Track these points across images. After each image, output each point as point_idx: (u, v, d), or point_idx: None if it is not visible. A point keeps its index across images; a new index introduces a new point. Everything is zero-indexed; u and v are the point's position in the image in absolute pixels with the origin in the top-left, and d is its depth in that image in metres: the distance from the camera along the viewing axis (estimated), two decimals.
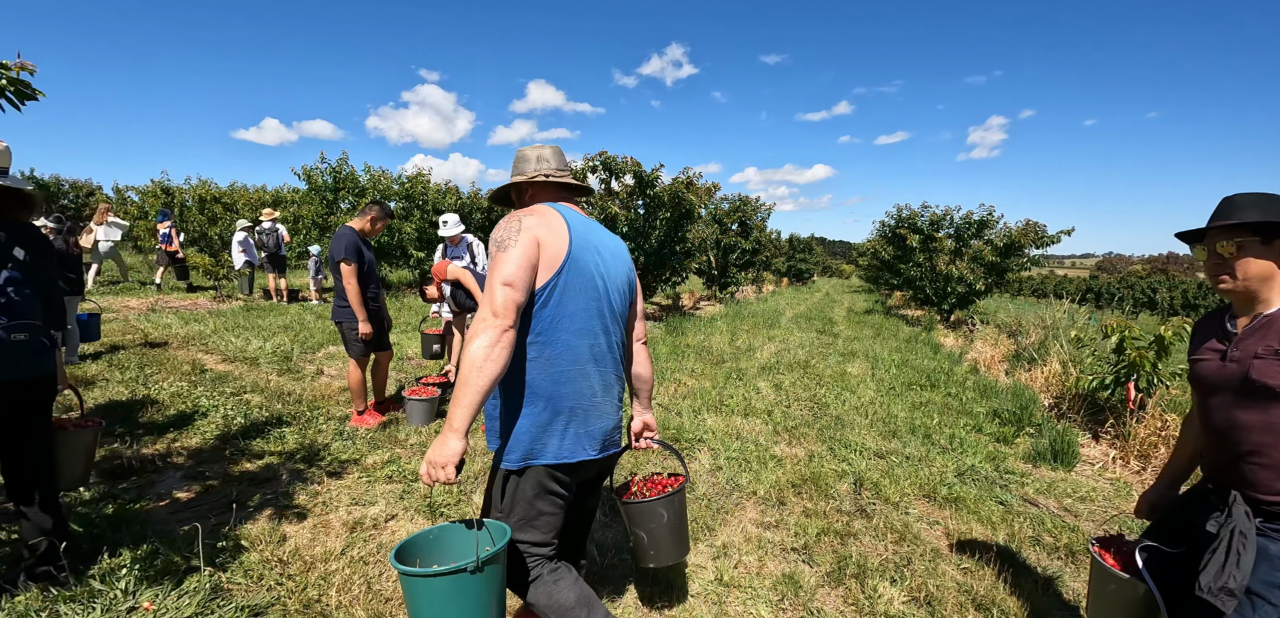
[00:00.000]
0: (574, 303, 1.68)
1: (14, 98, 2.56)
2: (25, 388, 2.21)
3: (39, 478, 2.31)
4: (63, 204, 20.82)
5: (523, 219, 1.67)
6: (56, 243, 5.86)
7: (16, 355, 2.16)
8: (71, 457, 2.66)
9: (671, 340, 8.81)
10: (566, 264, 1.66)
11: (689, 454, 4.27)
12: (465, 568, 1.46)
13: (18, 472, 2.27)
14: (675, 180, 10.33)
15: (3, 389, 2.15)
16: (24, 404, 2.24)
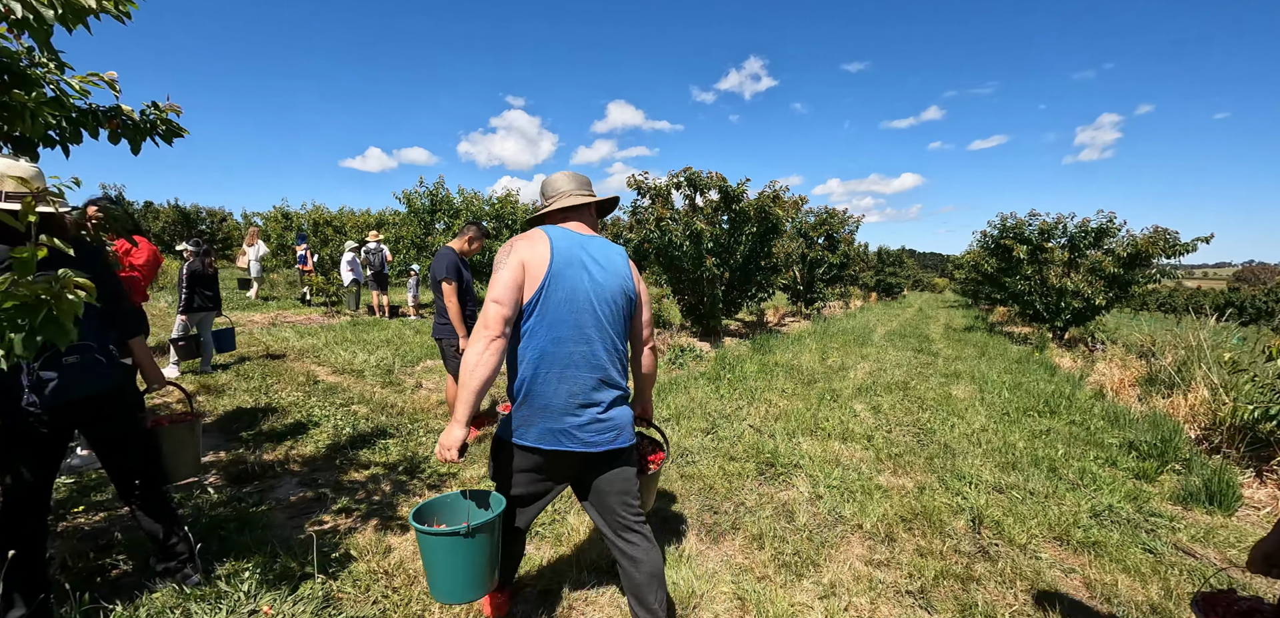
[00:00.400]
0: (556, 314, 1.92)
1: (164, 135, 2.83)
2: (86, 405, 2.23)
3: (140, 482, 2.44)
4: (201, 230, 23.24)
5: (516, 244, 1.96)
6: (194, 264, 6.46)
7: (71, 378, 2.17)
8: (172, 451, 2.74)
9: (759, 358, 8.55)
10: (546, 281, 1.91)
11: (784, 480, 4.06)
12: (459, 531, 1.80)
13: (118, 479, 2.43)
14: (761, 194, 10.09)
15: (61, 410, 2.17)
16: (92, 421, 2.30)
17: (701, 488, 3.84)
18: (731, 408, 5.80)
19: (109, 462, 2.40)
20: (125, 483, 2.43)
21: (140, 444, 2.47)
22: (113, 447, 2.38)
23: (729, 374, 7.32)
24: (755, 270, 10.87)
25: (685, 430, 4.97)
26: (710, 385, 6.67)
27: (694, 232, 9.56)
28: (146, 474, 2.46)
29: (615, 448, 2.00)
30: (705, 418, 5.36)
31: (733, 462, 4.30)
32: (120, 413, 2.38)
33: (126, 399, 2.42)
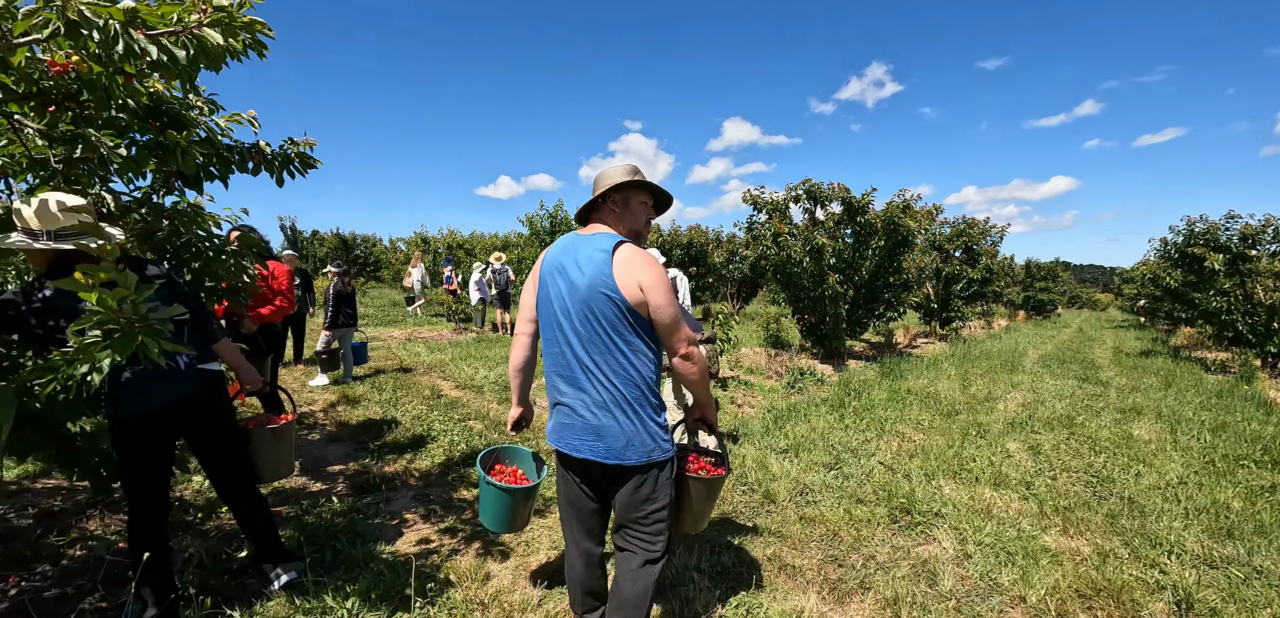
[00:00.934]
0: (543, 321, 2.03)
1: (299, 167, 3.01)
2: (170, 411, 2.30)
3: (235, 483, 2.55)
4: (355, 254, 25.93)
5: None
6: (338, 284, 7.06)
7: (145, 387, 2.22)
8: (263, 451, 2.76)
9: (889, 385, 7.80)
10: (539, 289, 2.04)
11: (923, 532, 3.53)
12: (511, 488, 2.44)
13: (213, 477, 2.56)
14: (890, 205, 9.32)
15: (145, 417, 2.24)
16: (182, 425, 2.40)
17: (824, 534, 3.43)
18: (858, 440, 5.26)
19: (203, 461, 2.52)
20: (222, 483, 2.54)
21: (236, 446, 2.57)
22: (205, 449, 2.49)
23: (854, 402, 6.71)
24: (883, 287, 10.04)
25: (805, 464, 4.54)
26: (833, 414, 6.14)
27: (815, 247, 9.00)
28: (245, 475, 2.57)
29: (610, 463, 1.90)
30: (828, 451, 4.88)
31: (860, 505, 3.83)
32: (209, 417, 2.45)
33: (215, 403, 2.48)
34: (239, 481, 2.57)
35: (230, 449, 2.55)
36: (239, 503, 2.57)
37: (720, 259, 18.04)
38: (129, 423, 2.22)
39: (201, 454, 2.50)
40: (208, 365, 2.44)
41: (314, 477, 4.14)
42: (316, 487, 3.95)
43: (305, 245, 26.01)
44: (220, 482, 2.55)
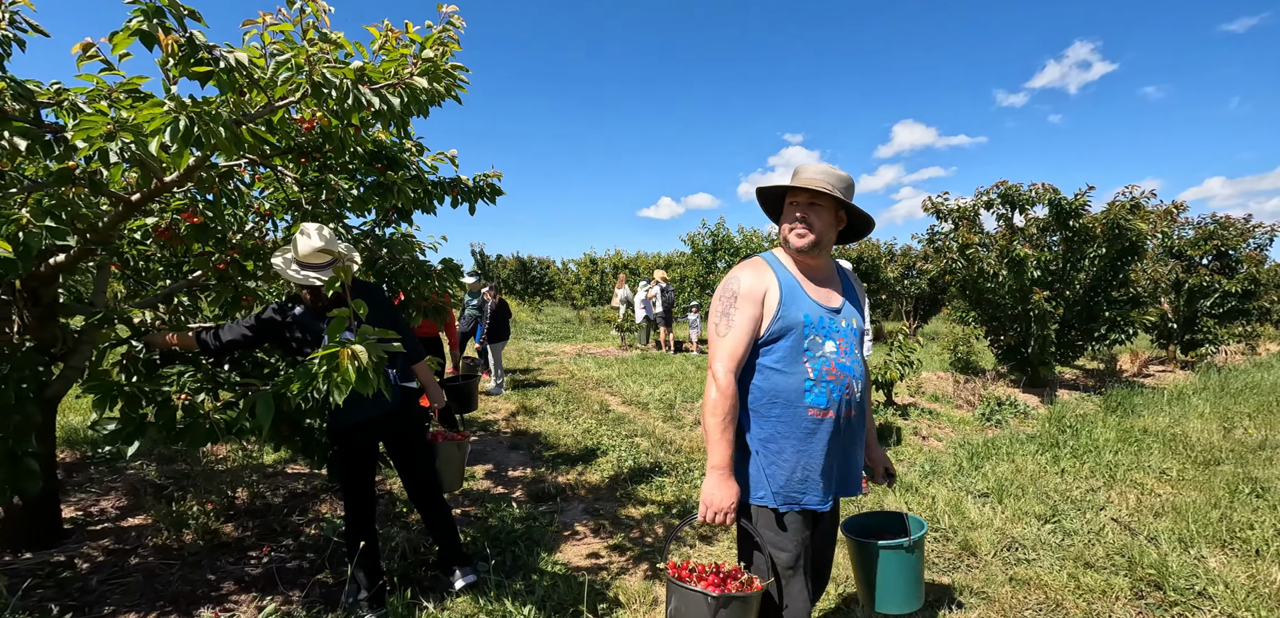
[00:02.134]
0: None
1: (489, 196, 3.28)
2: (374, 424, 2.58)
3: (422, 488, 2.77)
4: (532, 275, 28.24)
5: None
6: (494, 302, 7.90)
7: (356, 402, 2.36)
8: (444, 463, 3.00)
9: (1116, 422, 6.54)
10: None
11: (1182, 612, 2.83)
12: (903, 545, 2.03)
13: (407, 482, 2.80)
14: (1112, 206, 7.88)
15: (354, 428, 2.54)
16: (383, 435, 2.67)
17: (1043, 603, 2.89)
18: (1080, 489, 4.43)
19: (399, 468, 2.78)
20: (413, 488, 2.79)
21: (426, 456, 2.81)
22: (401, 456, 2.74)
23: (1071, 440, 5.70)
24: (1104, 303, 8.50)
25: (1012, 513, 3.91)
26: (1044, 454, 5.26)
27: (1014, 259, 7.90)
28: (431, 482, 2.81)
29: None
30: (1041, 499, 4.17)
31: (1090, 570, 3.18)
32: (405, 429, 2.71)
33: (411, 417, 2.75)
34: (426, 486, 2.81)
35: (421, 458, 2.78)
36: (426, 507, 2.81)
37: (894, 274, 16.69)
38: (343, 430, 2.55)
39: (397, 460, 2.76)
40: (408, 383, 2.73)
41: (496, 481, 4.46)
42: (499, 491, 4.25)
43: (492, 268, 28.96)
44: (411, 486, 2.81)
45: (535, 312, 21.57)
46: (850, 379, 1.78)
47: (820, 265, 1.88)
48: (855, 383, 1.79)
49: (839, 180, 1.81)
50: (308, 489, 4.12)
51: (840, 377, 1.77)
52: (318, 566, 3.06)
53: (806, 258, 1.83)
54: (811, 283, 1.84)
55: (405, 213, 3.31)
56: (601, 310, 16.27)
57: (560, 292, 24.39)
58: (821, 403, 1.75)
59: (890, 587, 2.04)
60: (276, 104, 2.07)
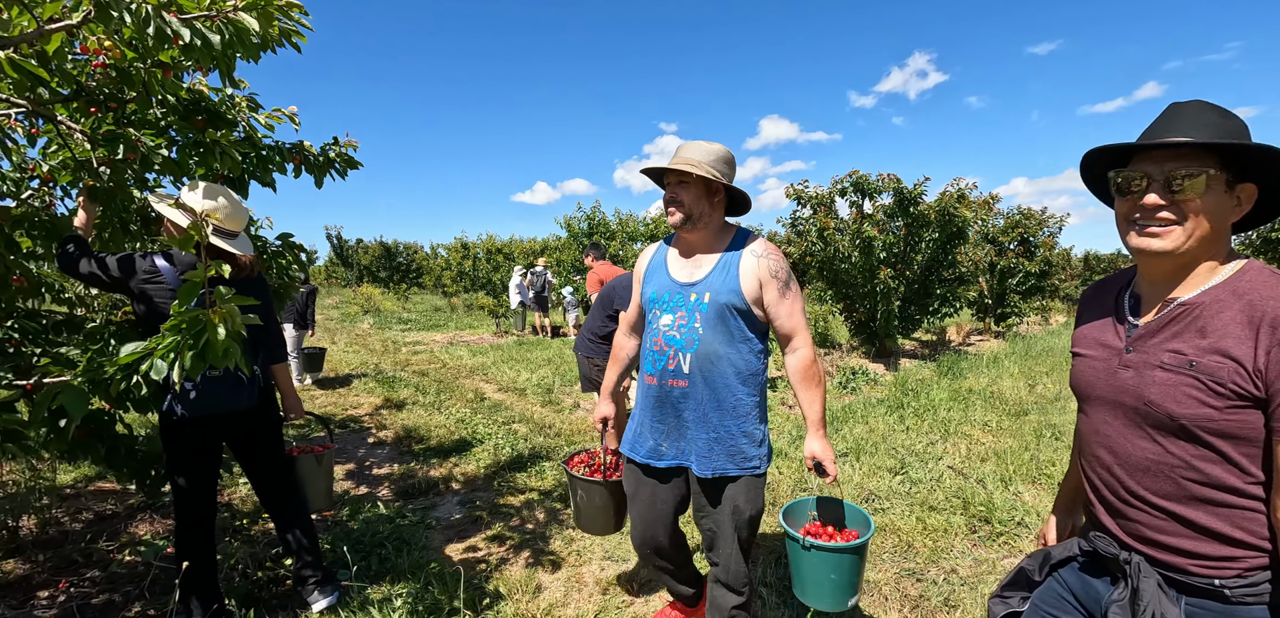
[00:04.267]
0: None
1: (340, 169, 2.93)
2: (229, 421, 2.26)
3: (277, 491, 2.46)
4: (397, 261, 26.44)
5: (782, 254, 1.94)
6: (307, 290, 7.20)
7: (215, 392, 2.15)
8: (306, 478, 2.68)
9: (948, 384, 7.39)
10: None
11: (1007, 542, 3.23)
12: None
13: (262, 493, 2.47)
14: (943, 195, 8.86)
15: (206, 422, 2.20)
16: (236, 436, 2.34)
17: (897, 546, 3.16)
18: (922, 444, 4.93)
19: (249, 467, 2.43)
20: (267, 487, 2.46)
21: (280, 450, 2.48)
22: (252, 453, 2.40)
23: (913, 402, 6.35)
24: (937, 282, 9.58)
25: (868, 469, 4.25)
26: (892, 415, 5.81)
27: (864, 240, 8.64)
28: (289, 479, 2.49)
29: None
30: (892, 455, 4.58)
31: (934, 513, 3.54)
32: (262, 431, 2.39)
33: (269, 419, 2.42)
34: (283, 483, 2.48)
35: (275, 452, 2.47)
36: (283, 510, 2.47)
37: None
38: (189, 424, 2.16)
39: (246, 457, 2.41)
40: (265, 381, 2.40)
41: (360, 481, 4.08)
42: (362, 491, 3.89)
43: (350, 254, 26.70)
44: (265, 485, 2.46)
45: (402, 301, 20.23)
46: (675, 351, 1.89)
47: (697, 240, 1.95)
48: (681, 355, 1.87)
49: (710, 156, 1.87)
50: (120, 510, 3.48)
51: (665, 349, 1.91)
52: (133, 598, 2.59)
53: (683, 234, 1.95)
54: (682, 259, 1.98)
55: (236, 183, 2.87)
56: (474, 297, 15.60)
57: (429, 279, 23.08)
58: (649, 370, 1.96)
59: (817, 584, 1.86)
60: (47, 28, 1.65)
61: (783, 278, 1.87)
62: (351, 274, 26.31)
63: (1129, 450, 1.09)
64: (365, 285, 21.42)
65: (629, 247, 13.69)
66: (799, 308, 1.89)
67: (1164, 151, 1.03)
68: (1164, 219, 1.03)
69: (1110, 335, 1.16)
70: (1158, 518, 1.06)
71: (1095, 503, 1.19)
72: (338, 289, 26.91)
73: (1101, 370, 1.16)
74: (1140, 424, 1.07)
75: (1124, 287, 1.18)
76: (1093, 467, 1.18)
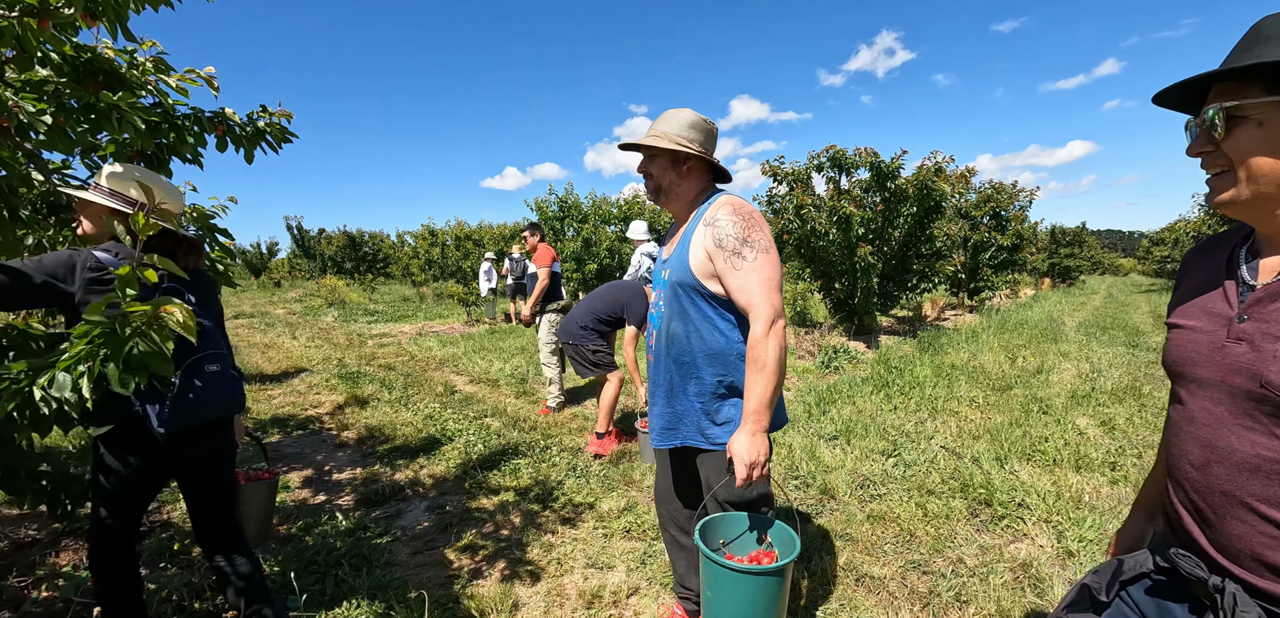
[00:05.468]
0: None
1: (273, 141, 2.57)
2: (215, 427, 1.95)
3: (224, 522, 2.09)
4: (363, 251, 25.61)
5: (755, 217, 1.72)
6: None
7: (216, 393, 1.86)
8: (250, 507, 2.36)
9: (930, 360, 7.30)
10: None
11: (1011, 526, 3.07)
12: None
13: (205, 517, 2.06)
14: (921, 169, 8.75)
15: (185, 434, 1.85)
16: (212, 444, 1.99)
17: (899, 535, 2.98)
18: (911, 423, 4.79)
19: (204, 503, 2.05)
20: (212, 517, 2.07)
21: (231, 486, 2.12)
22: (215, 484, 2.04)
23: (898, 379, 6.23)
24: (914, 257, 9.50)
25: (860, 452, 4.07)
26: (878, 393, 5.66)
27: (842, 216, 8.48)
28: (239, 524, 2.14)
29: None
30: (882, 435, 4.41)
31: (932, 497, 3.37)
32: (231, 446, 2.07)
33: (232, 435, 2.10)
34: (231, 515, 2.11)
35: (231, 489, 2.12)
36: (228, 544, 2.09)
37: None
38: (176, 438, 1.80)
39: (207, 488, 2.03)
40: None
41: (317, 488, 3.75)
42: (319, 499, 3.56)
43: (313, 244, 25.80)
44: (210, 515, 2.08)
45: (368, 292, 19.58)
46: (652, 329, 1.93)
47: (676, 213, 1.92)
48: (654, 332, 1.90)
49: (676, 125, 1.81)
50: (43, 536, 3.10)
51: (650, 327, 1.95)
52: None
53: (663, 207, 1.91)
54: (671, 235, 1.94)
55: (158, 160, 2.50)
56: (444, 286, 15.11)
57: (397, 268, 22.41)
58: (648, 348, 1.97)
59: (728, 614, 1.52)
60: None
61: (731, 245, 1.67)
62: (314, 266, 25.42)
63: (1234, 444, 0.87)
64: (329, 277, 20.67)
65: (602, 229, 13.35)
66: (755, 278, 1.64)
67: (1218, 85, 0.85)
68: (1215, 166, 0.87)
69: (1219, 301, 0.93)
70: (1265, 534, 0.84)
71: (1181, 509, 0.97)
72: (301, 281, 26.00)
73: (1205, 345, 0.93)
74: (1253, 412, 0.85)
75: (1242, 241, 0.95)
76: (1182, 464, 0.96)
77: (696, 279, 1.74)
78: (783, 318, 1.63)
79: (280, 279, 26.62)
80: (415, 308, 15.23)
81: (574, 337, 4.32)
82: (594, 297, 4.40)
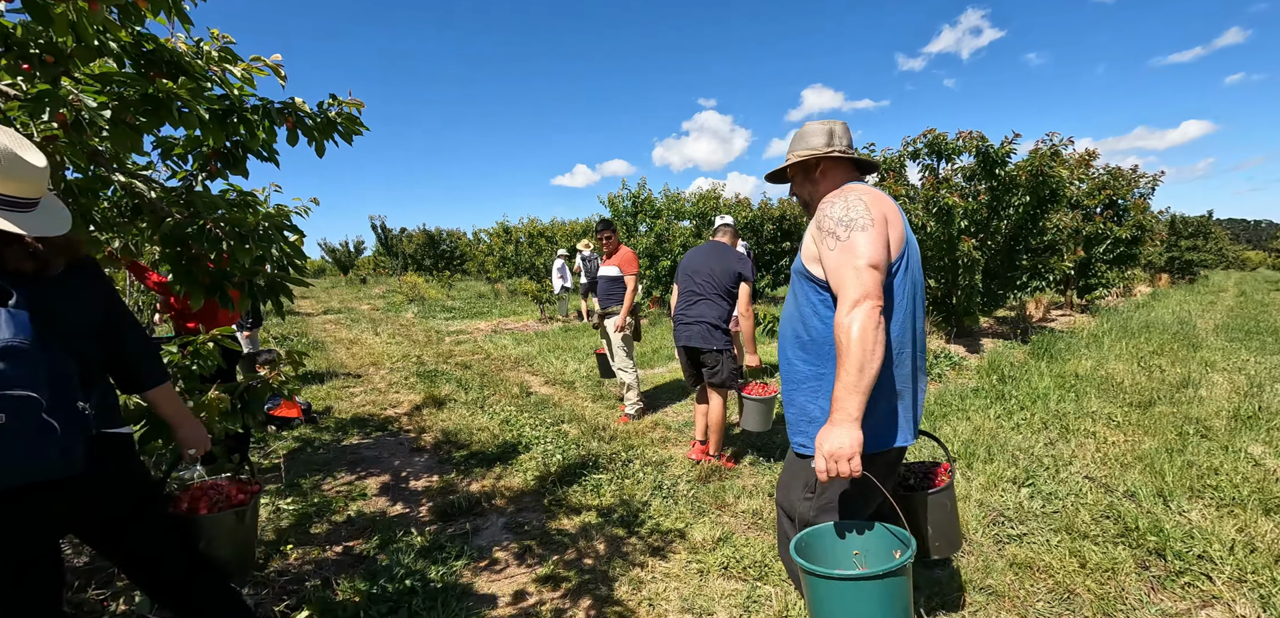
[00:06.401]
0: (905, 286, 1.66)
1: (344, 132, 2.40)
2: (37, 494, 1.42)
3: (166, 592, 1.72)
4: (441, 249, 26.46)
5: (863, 196, 1.63)
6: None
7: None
8: (212, 545, 1.84)
9: (1047, 368, 6.51)
10: (907, 242, 1.66)
11: (1195, 586, 2.50)
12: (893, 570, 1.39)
13: (142, 589, 1.74)
14: (1035, 152, 7.87)
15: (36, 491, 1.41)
16: (55, 518, 1.51)
17: (1053, 590, 2.48)
18: (1040, 445, 4.17)
19: (114, 561, 1.70)
20: (150, 588, 1.73)
21: (163, 539, 1.70)
22: (108, 542, 1.63)
23: (1013, 391, 5.54)
24: (1024, 251, 8.60)
25: (987, 480, 3.54)
26: (992, 406, 5.03)
27: (943, 207, 7.73)
28: (190, 577, 1.73)
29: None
30: (1010, 460, 3.84)
31: (1087, 541, 2.82)
32: (103, 503, 1.58)
33: (115, 486, 1.60)
34: (181, 583, 1.72)
35: (149, 542, 1.67)
36: (195, 605, 1.73)
37: None
38: None
39: (104, 548, 1.66)
40: (112, 428, 1.59)
41: (394, 497, 3.62)
42: (398, 510, 3.42)
43: (395, 243, 26.90)
44: (144, 586, 1.74)
45: (446, 288, 20.13)
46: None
47: None
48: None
49: (796, 141, 1.87)
50: None
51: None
52: None
53: None
54: None
55: (234, 159, 2.37)
56: (518, 283, 15.27)
57: (473, 265, 22.97)
58: None
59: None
60: None
61: (828, 226, 1.62)
62: (396, 263, 26.50)
63: None
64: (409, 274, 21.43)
65: (676, 225, 13.02)
66: (847, 259, 1.54)
67: None
68: None
69: None
70: None
71: None
72: (384, 278, 27.18)
73: None
74: None
75: None
76: None
77: (804, 264, 1.74)
78: (874, 299, 1.48)
79: (366, 276, 27.94)
80: (490, 304, 15.46)
81: (718, 343, 3.79)
82: (700, 276, 3.84)
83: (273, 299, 2.19)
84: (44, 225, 1.41)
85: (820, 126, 1.83)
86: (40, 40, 1.68)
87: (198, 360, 2.43)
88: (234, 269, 2.00)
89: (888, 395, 1.65)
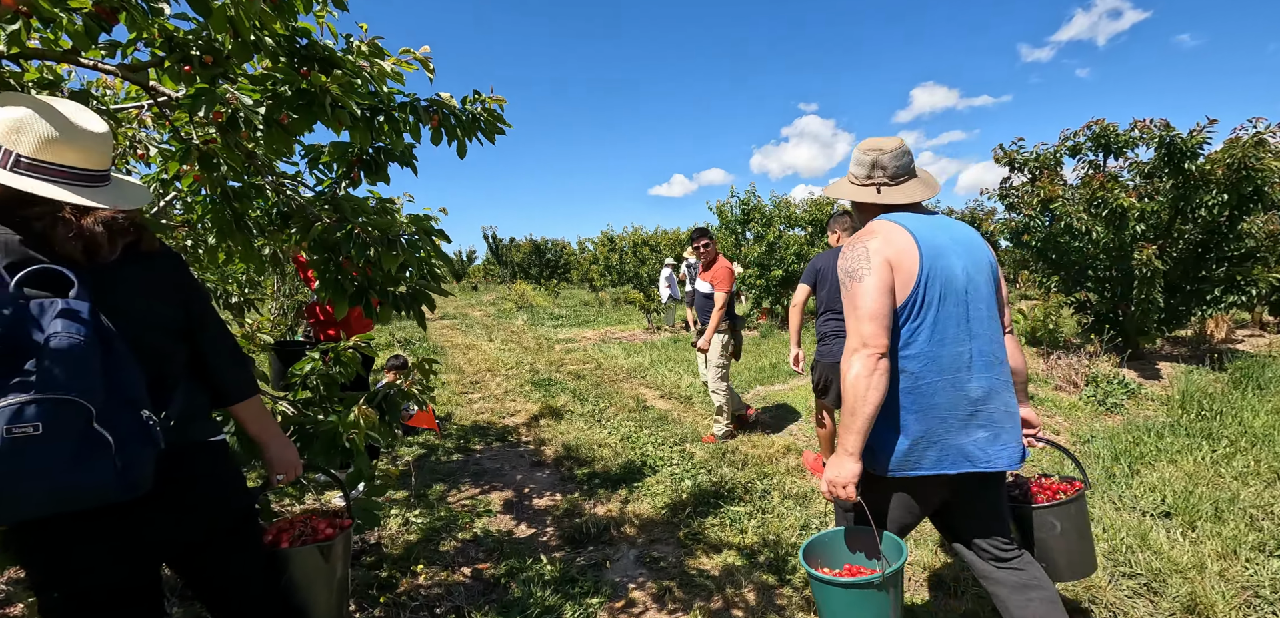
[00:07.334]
0: (935, 313, 1.63)
1: (488, 129, 2.24)
2: (83, 523, 1.19)
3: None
4: (547, 258, 27.26)
5: (867, 244, 1.66)
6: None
7: (30, 470, 1.02)
8: (302, 585, 1.62)
9: (1262, 402, 5.37)
10: (921, 277, 1.63)
11: None
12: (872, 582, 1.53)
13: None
14: (1235, 142, 6.62)
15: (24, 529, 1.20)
16: (125, 547, 1.26)
17: None
18: (1270, 496, 3.34)
19: (204, 600, 1.49)
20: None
21: (259, 571, 1.52)
22: (202, 578, 1.44)
23: (1220, 428, 4.58)
24: (1215, 260, 7.28)
25: (1220, 546, 2.83)
26: (1199, 449, 4.15)
27: (1113, 209, 6.69)
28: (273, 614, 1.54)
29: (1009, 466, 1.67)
30: (1247, 521, 3.08)
31: None
32: (187, 523, 1.36)
33: (206, 497, 1.39)
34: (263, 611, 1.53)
35: (246, 577, 1.48)
36: None
37: None
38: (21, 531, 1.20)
39: (195, 586, 1.47)
40: (200, 434, 1.39)
41: (519, 516, 3.48)
42: (523, 530, 3.27)
43: (504, 251, 28.06)
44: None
45: (552, 296, 20.62)
46: None
47: None
48: None
49: (852, 162, 1.86)
50: None
51: None
52: None
53: None
54: None
55: (376, 165, 2.29)
56: (623, 291, 15.27)
57: (577, 274, 23.42)
58: None
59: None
60: None
61: (841, 276, 1.68)
62: (506, 272, 27.62)
63: None
64: (518, 282, 22.19)
65: (787, 233, 12.42)
66: (850, 309, 1.62)
67: None
68: None
69: None
70: None
71: None
72: (494, 286, 28.41)
73: None
74: None
75: None
76: None
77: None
78: (871, 348, 1.56)
79: (476, 284, 29.38)
80: (595, 313, 15.56)
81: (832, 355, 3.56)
82: (830, 302, 3.59)
83: (413, 308, 2.06)
84: (120, 198, 1.22)
85: (866, 155, 1.77)
86: (200, 41, 1.62)
87: (339, 367, 2.38)
88: (377, 276, 1.88)
89: (911, 427, 1.63)
